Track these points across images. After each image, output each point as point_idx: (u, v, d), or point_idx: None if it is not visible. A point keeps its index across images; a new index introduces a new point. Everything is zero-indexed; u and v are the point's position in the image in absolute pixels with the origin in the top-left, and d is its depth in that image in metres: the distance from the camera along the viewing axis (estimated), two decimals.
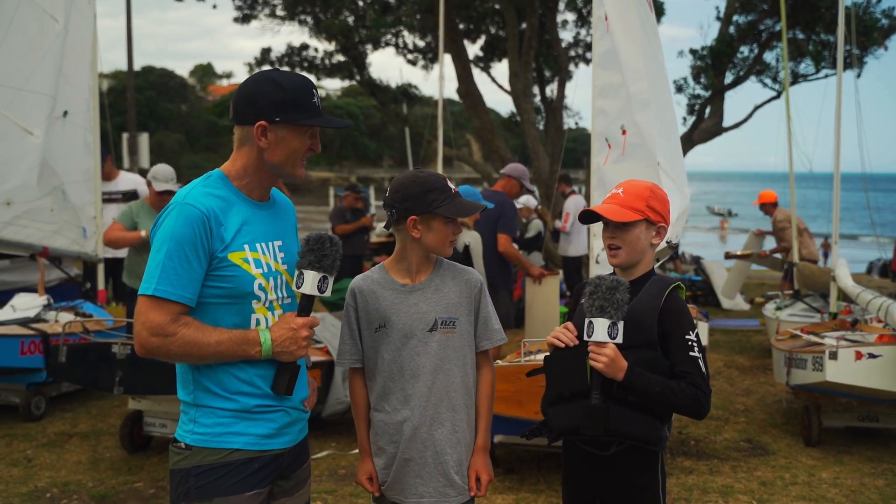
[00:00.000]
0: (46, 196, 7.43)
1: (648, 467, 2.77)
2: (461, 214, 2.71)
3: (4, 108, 7.12)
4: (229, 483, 2.47)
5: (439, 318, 2.76)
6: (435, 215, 2.71)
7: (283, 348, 2.49)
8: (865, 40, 13.83)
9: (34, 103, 7.29)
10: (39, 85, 7.32)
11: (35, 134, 7.21)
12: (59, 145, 7.51)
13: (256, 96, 2.48)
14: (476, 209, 2.75)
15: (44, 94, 7.34)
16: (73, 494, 5.20)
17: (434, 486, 2.77)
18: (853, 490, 5.42)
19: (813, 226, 11.53)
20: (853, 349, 5.79)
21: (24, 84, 7.22)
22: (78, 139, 7.74)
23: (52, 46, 7.38)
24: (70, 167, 7.66)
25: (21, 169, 7.21)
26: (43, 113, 7.31)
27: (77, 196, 7.73)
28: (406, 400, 2.76)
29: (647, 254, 2.85)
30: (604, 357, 2.61)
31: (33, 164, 7.25)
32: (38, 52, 7.31)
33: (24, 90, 7.22)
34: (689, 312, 2.79)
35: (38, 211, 7.39)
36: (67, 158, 7.64)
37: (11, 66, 7.20)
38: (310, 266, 2.51)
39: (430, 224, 2.74)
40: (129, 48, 20.25)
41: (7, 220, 7.22)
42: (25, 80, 7.23)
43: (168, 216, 2.44)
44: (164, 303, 2.38)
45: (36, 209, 7.38)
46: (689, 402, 2.68)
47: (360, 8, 16.27)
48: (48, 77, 7.37)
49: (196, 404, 2.53)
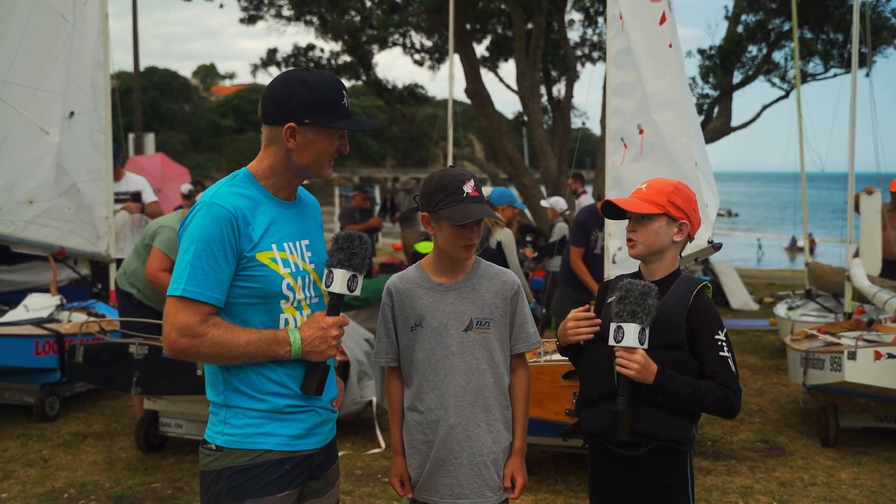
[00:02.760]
0: (63, 195, 7.49)
1: (678, 467, 2.75)
2: (455, 220, 2.63)
3: (23, 108, 7.17)
4: (261, 484, 2.45)
5: (475, 318, 2.74)
6: (441, 217, 2.68)
7: (313, 348, 2.46)
8: (875, 39, 13.80)
9: (49, 103, 7.35)
10: (53, 84, 7.37)
11: (51, 133, 7.25)
12: (69, 145, 7.53)
13: (286, 97, 2.45)
14: (475, 215, 2.64)
15: (57, 94, 7.38)
16: (90, 495, 5.18)
17: (470, 487, 2.75)
18: (873, 491, 5.39)
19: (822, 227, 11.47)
20: (872, 349, 5.76)
21: (40, 84, 7.27)
22: (84, 139, 7.72)
23: (64, 46, 7.40)
24: (80, 167, 7.67)
25: (41, 168, 7.30)
26: (57, 113, 7.37)
27: (87, 196, 7.72)
28: (440, 400, 2.75)
29: (670, 251, 2.82)
30: (635, 364, 2.59)
31: (51, 164, 7.33)
32: (51, 51, 7.36)
33: (40, 90, 7.28)
34: (717, 312, 2.76)
35: (57, 209, 7.47)
36: (77, 158, 7.66)
37: (29, 66, 7.27)
38: (339, 265, 2.49)
39: (440, 224, 2.72)
40: (136, 49, 20.26)
41: (29, 218, 7.32)
42: (42, 79, 7.28)
43: (195, 216, 2.42)
44: (192, 303, 2.36)
45: (55, 207, 7.46)
46: (720, 403, 2.66)
47: (366, 8, 16.26)
48: (60, 76, 7.42)
49: (226, 405, 2.50)
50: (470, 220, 2.64)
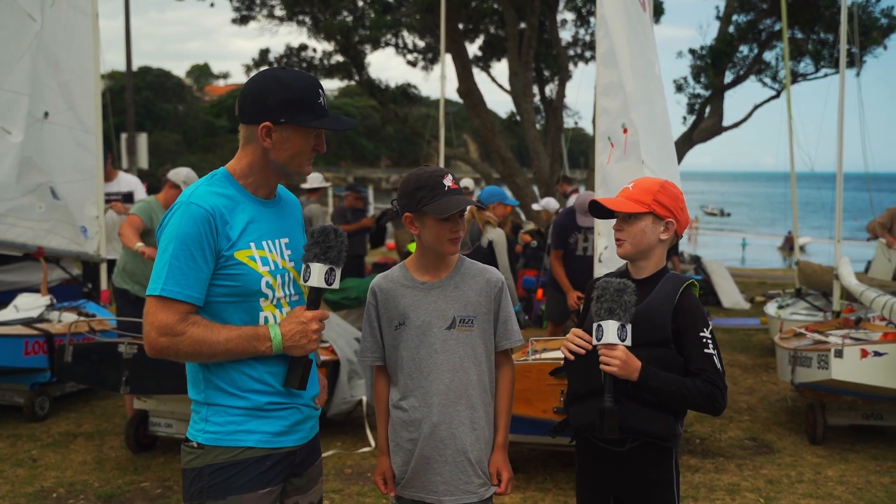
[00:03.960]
0: (29, 194, 7.36)
1: (663, 463, 2.77)
2: (440, 213, 2.67)
3: None
4: (242, 481, 2.46)
5: (458, 316, 2.76)
6: (425, 213, 2.71)
7: (294, 342, 2.48)
8: (865, 40, 13.86)
9: (11, 103, 7.20)
10: (17, 84, 7.24)
11: (13, 133, 7.13)
12: (44, 145, 7.45)
13: (261, 95, 2.46)
14: (460, 205, 2.68)
15: (21, 94, 7.24)
16: (79, 494, 5.19)
17: (455, 484, 2.77)
18: (860, 488, 5.42)
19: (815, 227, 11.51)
20: (859, 347, 5.80)
21: (2, 83, 7.16)
22: (65, 139, 7.66)
23: (31, 46, 7.34)
24: (61, 166, 7.59)
25: (1, 167, 7.16)
26: (21, 112, 7.22)
27: (73, 195, 7.69)
28: (425, 398, 2.76)
29: (657, 249, 2.85)
30: (616, 360, 2.62)
31: (12, 163, 7.18)
32: (16, 51, 7.25)
33: (1, 89, 7.16)
34: (703, 310, 2.79)
35: (24, 209, 7.35)
36: (57, 158, 7.56)
37: None
38: (316, 259, 2.50)
39: (424, 221, 2.74)
40: (128, 49, 20.22)
41: None
42: (3, 79, 7.17)
43: (173, 216, 2.43)
44: (171, 303, 2.37)
45: (21, 207, 7.33)
46: (705, 400, 2.68)
47: (359, 8, 16.27)
48: (25, 76, 7.29)
49: (207, 403, 2.51)
50: (455, 210, 2.67)
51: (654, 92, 5.97)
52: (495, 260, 7.20)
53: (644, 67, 5.81)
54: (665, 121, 6.14)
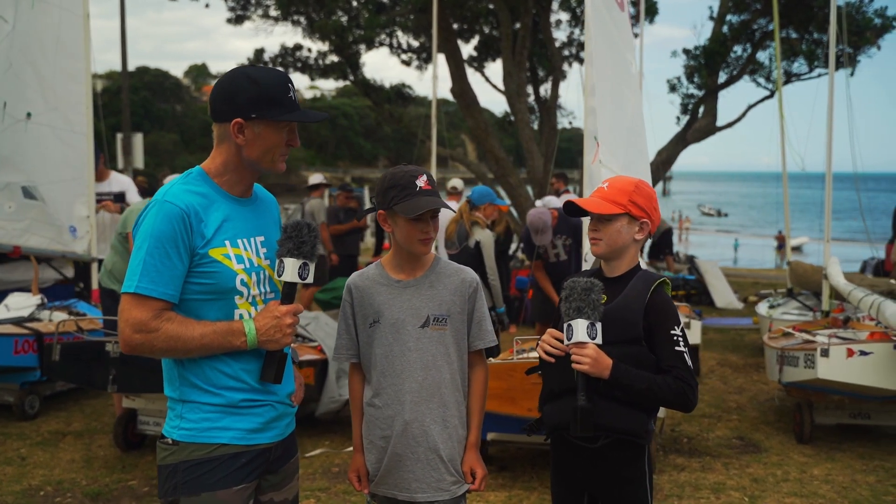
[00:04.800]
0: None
1: (635, 460, 2.79)
2: (408, 213, 2.68)
3: None
4: (216, 478, 2.48)
5: (432, 315, 2.78)
6: (396, 211, 2.72)
7: (268, 337, 2.50)
8: (859, 39, 13.89)
9: None
10: None
11: None
12: (23, 145, 7.46)
13: (232, 93, 2.48)
14: (428, 206, 2.68)
15: None
16: (66, 492, 5.20)
17: (427, 482, 2.78)
18: (844, 486, 5.44)
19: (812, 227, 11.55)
20: (844, 346, 5.82)
21: None
22: (50, 139, 7.66)
23: (1, 46, 7.34)
24: (43, 167, 7.60)
25: None
26: None
27: (58, 195, 7.68)
28: (397, 395, 2.78)
29: (631, 248, 2.87)
30: (586, 358, 2.64)
31: None
32: None
33: None
34: (675, 307, 2.81)
35: None
36: (39, 158, 7.56)
37: None
38: (289, 254, 2.52)
39: (395, 220, 2.76)
40: (123, 49, 20.22)
41: None
42: None
43: (148, 214, 2.45)
44: (146, 300, 2.39)
45: None
46: (676, 397, 2.70)
47: (353, 8, 16.27)
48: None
49: (182, 400, 2.53)
50: (421, 211, 2.68)
51: (628, 91, 5.99)
52: (483, 261, 7.23)
53: (617, 67, 5.82)
54: (638, 120, 6.15)
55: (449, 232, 7.54)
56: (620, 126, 5.80)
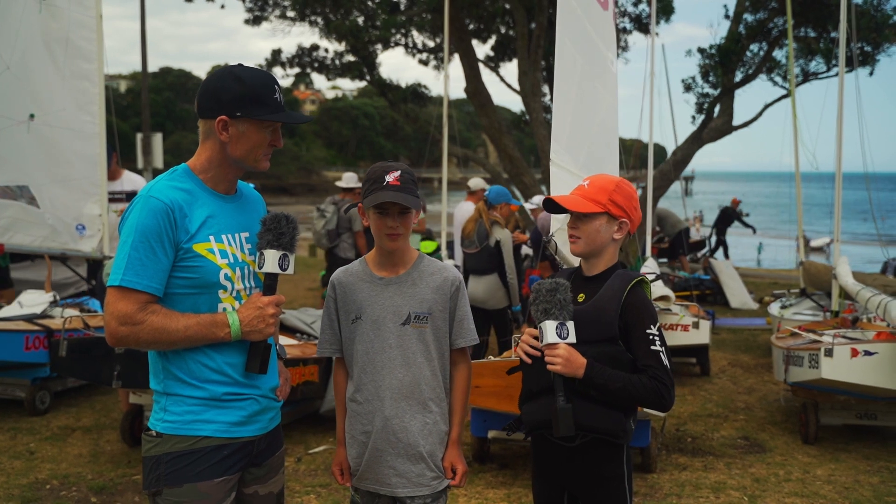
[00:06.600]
0: None
1: (614, 458, 2.80)
2: (366, 204, 2.76)
3: None
4: (199, 469, 2.53)
5: (413, 312, 2.81)
6: (364, 204, 2.79)
7: (252, 327, 2.54)
8: (877, 37, 13.75)
9: None
10: None
11: None
12: (23, 146, 7.56)
13: (218, 91, 2.54)
14: (382, 199, 2.71)
15: None
16: (72, 486, 5.29)
17: (408, 477, 2.82)
18: (847, 487, 5.41)
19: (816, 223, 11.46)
20: (849, 346, 5.78)
21: None
22: (56, 139, 7.75)
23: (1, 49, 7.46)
24: (44, 167, 7.69)
25: None
26: None
27: (60, 194, 7.78)
28: (377, 391, 2.82)
29: (610, 248, 2.87)
30: (558, 358, 2.65)
31: None
32: None
33: None
34: (652, 306, 2.80)
35: None
36: (38, 158, 7.65)
37: None
38: (269, 245, 2.57)
39: (370, 214, 2.81)
40: (143, 50, 20.42)
41: None
42: None
43: (133, 209, 2.51)
44: (131, 293, 2.44)
45: None
46: (651, 396, 2.70)
47: (369, 8, 16.34)
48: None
49: (166, 393, 2.58)
50: (376, 202, 2.73)
51: (603, 88, 5.98)
52: (503, 259, 7.33)
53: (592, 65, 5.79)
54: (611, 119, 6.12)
55: (468, 231, 7.60)
56: (590, 123, 5.77)
